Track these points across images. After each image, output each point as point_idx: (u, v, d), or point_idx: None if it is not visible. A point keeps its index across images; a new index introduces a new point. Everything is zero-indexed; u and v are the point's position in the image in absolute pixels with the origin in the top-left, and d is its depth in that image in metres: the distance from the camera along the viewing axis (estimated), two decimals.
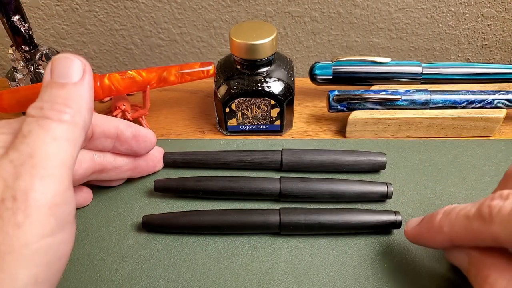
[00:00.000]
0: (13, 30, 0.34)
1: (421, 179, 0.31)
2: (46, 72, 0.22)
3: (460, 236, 0.21)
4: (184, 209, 0.29)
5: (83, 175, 0.27)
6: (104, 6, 0.49)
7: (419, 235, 0.23)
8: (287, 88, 0.34)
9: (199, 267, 0.26)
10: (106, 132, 0.26)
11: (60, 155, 0.20)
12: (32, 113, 0.20)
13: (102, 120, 0.26)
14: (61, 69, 0.22)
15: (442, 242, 0.22)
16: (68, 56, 0.22)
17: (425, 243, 0.23)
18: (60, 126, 0.20)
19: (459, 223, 0.20)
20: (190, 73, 0.35)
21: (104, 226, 0.29)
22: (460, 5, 0.47)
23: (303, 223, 0.27)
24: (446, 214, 0.21)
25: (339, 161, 0.31)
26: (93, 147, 0.27)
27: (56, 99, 0.21)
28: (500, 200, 0.19)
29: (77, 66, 0.22)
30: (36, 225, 0.18)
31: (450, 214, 0.21)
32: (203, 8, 0.49)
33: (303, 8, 0.48)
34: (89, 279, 0.26)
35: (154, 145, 0.30)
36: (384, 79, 0.37)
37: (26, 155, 0.19)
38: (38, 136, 0.19)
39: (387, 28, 0.49)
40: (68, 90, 0.21)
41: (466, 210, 0.20)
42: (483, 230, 0.19)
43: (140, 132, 0.28)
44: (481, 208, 0.19)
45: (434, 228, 0.22)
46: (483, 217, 0.19)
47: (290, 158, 0.31)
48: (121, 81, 0.33)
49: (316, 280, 0.25)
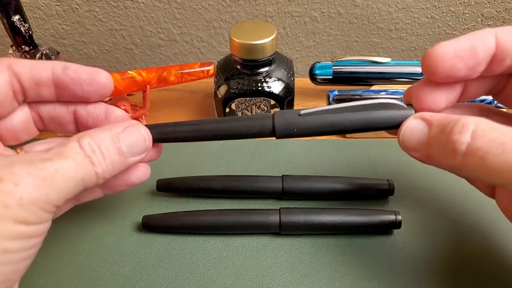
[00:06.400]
0: (13, 30, 0.34)
1: (422, 179, 0.31)
2: (122, 123, 0.22)
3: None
4: (185, 209, 0.29)
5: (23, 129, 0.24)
6: (104, 6, 0.49)
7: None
8: (287, 88, 0.34)
9: (199, 267, 0.26)
10: (36, 78, 0.22)
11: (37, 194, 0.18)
12: (83, 144, 0.20)
13: (31, 65, 0.22)
14: (132, 141, 0.22)
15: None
16: (146, 136, 0.23)
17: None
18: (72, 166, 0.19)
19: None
20: (190, 73, 0.35)
21: (104, 226, 0.29)
22: (460, 5, 0.47)
23: (303, 223, 0.27)
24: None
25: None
26: (31, 99, 0.23)
27: (106, 153, 0.21)
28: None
29: (143, 148, 0.23)
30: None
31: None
32: (203, 8, 0.49)
33: (303, 8, 0.48)
34: (89, 279, 0.26)
35: (107, 87, 0.24)
36: (384, 79, 0.37)
37: (7, 170, 0.18)
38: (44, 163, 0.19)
39: (387, 28, 0.49)
40: (119, 160, 0.21)
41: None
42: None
43: (80, 72, 0.23)
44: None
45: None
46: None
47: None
48: (121, 81, 0.33)
49: (316, 280, 0.25)
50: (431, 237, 0.27)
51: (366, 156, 0.34)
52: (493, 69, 0.21)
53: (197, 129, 0.24)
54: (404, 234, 0.28)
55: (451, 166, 0.20)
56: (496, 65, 0.21)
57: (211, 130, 0.24)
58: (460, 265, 0.26)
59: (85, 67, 0.23)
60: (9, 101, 0.22)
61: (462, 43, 0.20)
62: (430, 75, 0.21)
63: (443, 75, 0.21)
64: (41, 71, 0.22)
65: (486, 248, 0.27)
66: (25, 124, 0.24)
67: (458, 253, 0.26)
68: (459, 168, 0.19)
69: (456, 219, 0.28)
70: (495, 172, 0.18)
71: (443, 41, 0.21)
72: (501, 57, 0.20)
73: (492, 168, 0.18)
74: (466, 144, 0.18)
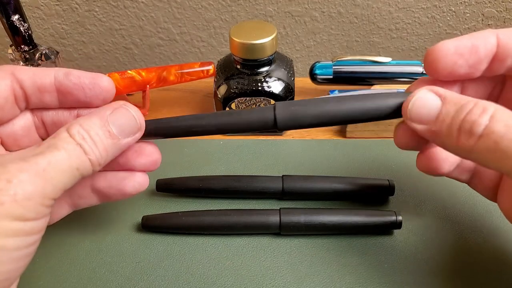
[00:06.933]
0: (13, 30, 0.34)
1: (422, 179, 0.31)
2: (109, 105, 0.22)
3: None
4: (184, 209, 0.29)
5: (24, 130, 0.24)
6: (104, 5, 0.49)
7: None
8: (287, 88, 0.34)
9: (199, 268, 0.26)
10: (38, 84, 0.22)
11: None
12: (73, 133, 0.20)
13: (34, 71, 0.23)
14: (123, 122, 0.22)
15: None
16: (136, 115, 0.23)
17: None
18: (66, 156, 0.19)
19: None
20: (190, 72, 0.35)
21: (104, 226, 0.29)
22: (460, 5, 0.47)
23: (303, 223, 0.27)
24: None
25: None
26: (34, 105, 0.23)
27: (96, 139, 0.20)
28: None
29: (135, 127, 0.23)
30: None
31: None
32: (203, 8, 0.49)
33: (303, 8, 0.48)
34: (89, 279, 0.26)
35: (110, 92, 0.24)
36: (385, 78, 0.37)
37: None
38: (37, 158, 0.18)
39: (387, 28, 0.49)
40: (112, 143, 0.21)
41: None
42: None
43: (82, 78, 0.23)
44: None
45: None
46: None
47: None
48: (120, 81, 0.33)
49: (316, 280, 0.25)
50: (432, 237, 0.27)
51: (366, 156, 0.34)
52: (494, 69, 0.21)
53: (196, 124, 0.24)
54: (405, 234, 0.28)
55: (460, 147, 0.19)
56: (498, 64, 0.21)
57: (211, 124, 0.24)
58: (461, 265, 0.26)
59: (87, 72, 0.23)
60: (10, 106, 0.22)
61: (463, 41, 0.21)
62: (432, 73, 0.21)
63: (444, 72, 0.21)
64: (43, 77, 0.22)
65: (487, 249, 0.27)
66: (27, 130, 0.24)
67: (458, 253, 0.26)
68: (469, 150, 0.19)
69: (457, 219, 0.28)
70: (506, 158, 0.17)
71: (445, 40, 0.21)
72: (502, 56, 0.20)
73: (505, 153, 0.17)
74: (484, 126, 0.18)
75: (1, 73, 0.22)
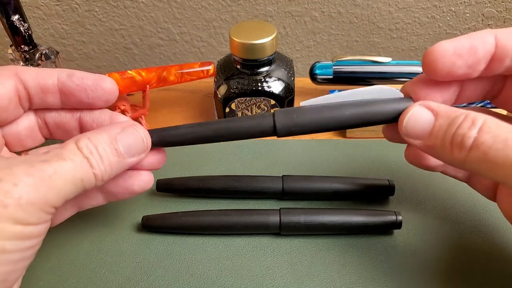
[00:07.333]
0: (13, 30, 0.34)
1: (422, 179, 0.31)
2: (120, 123, 0.22)
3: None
4: (184, 209, 0.29)
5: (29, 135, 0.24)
6: (104, 5, 0.49)
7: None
8: (287, 88, 0.34)
9: (199, 268, 0.26)
10: (42, 84, 0.23)
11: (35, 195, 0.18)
12: (81, 146, 0.20)
13: (37, 72, 0.23)
14: (130, 142, 0.22)
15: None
16: (144, 137, 0.23)
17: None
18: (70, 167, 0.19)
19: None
20: (190, 72, 0.35)
21: (104, 226, 0.29)
22: (460, 5, 0.47)
23: (303, 223, 0.27)
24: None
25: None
26: (37, 106, 0.24)
27: (103, 155, 0.21)
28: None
29: (142, 148, 0.23)
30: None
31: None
32: (203, 8, 0.49)
33: (303, 8, 0.48)
34: (89, 280, 0.26)
35: (112, 93, 0.24)
36: (385, 79, 0.37)
37: (6, 171, 0.18)
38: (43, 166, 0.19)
39: (387, 28, 0.49)
40: (117, 161, 0.21)
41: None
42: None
43: (85, 79, 0.23)
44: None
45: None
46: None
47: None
48: (120, 81, 0.33)
49: (316, 280, 0.25)
50: (432, 238, 0.27)
51: (366, 156, 0.34)
52: (493, 69, 0.21)
53: (197, 131, 0.24)
54: (405, 234, 0.28)
55: (455, 159, 0.20)
56: (496, 64, 0.21)
57: (211, 132, 0.24)
58: (461, 265, 0.26)
59: (90, 74, 0.23)
60: (14, 107, 0.22)
61: (461, 41, 0.21)
62: (430, 73, 0.21)
63: (443, 72, 0.21)
64: (47, 78, 0.23)
65: (487, 249, 0.27)
66: (30, 130, 0.24)
67: (459, 253, 0.26)
68: (462, 162, 0.19)
69: (457, 219, 0.28)
70: (496, 167, 0.18)
71: (443, 40, 0.21)
72: (500, 56, 0.21)
73: (494, 163, 0.18)
74: (473, 139, 0.19)
75: (5, 73, 0.22)
